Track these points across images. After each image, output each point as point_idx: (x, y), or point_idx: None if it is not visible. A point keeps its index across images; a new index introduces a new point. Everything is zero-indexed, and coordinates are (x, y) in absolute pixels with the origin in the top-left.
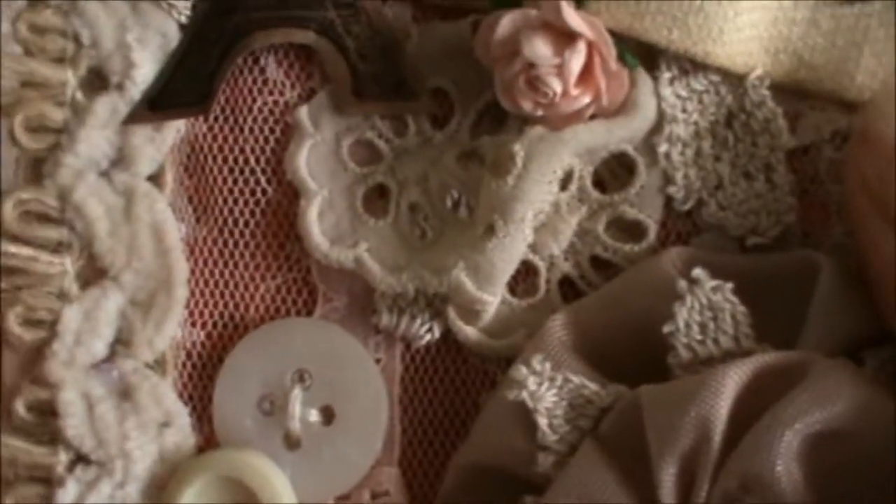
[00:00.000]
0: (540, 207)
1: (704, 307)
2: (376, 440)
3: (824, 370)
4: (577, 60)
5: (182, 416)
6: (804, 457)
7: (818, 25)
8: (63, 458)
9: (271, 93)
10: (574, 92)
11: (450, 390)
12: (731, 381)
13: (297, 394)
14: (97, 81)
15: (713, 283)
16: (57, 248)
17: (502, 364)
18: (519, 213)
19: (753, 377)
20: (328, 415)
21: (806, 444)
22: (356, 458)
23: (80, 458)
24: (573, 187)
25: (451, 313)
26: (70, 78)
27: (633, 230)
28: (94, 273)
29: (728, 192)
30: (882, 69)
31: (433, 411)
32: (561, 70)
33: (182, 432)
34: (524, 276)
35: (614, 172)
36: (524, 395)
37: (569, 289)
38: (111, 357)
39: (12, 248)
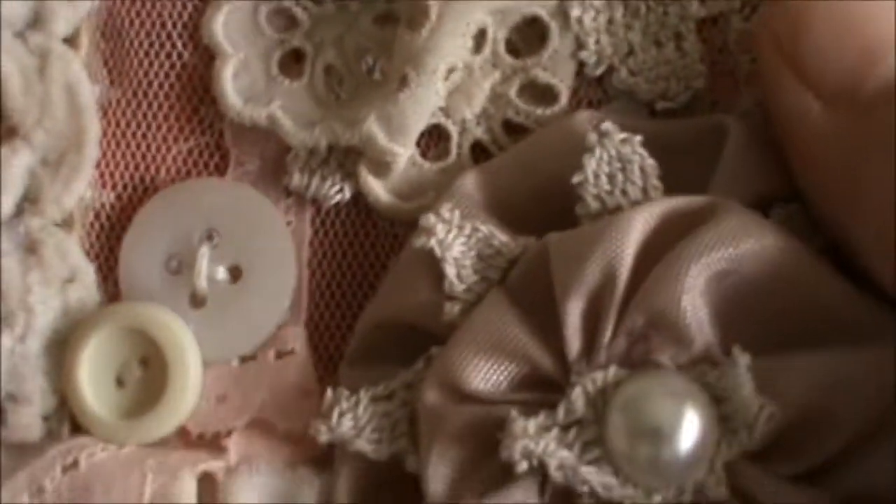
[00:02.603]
0: (453, 62)
1: (613, 158)
2: (283, 300)
3: (732, 211)
4: None
5: (87, 273)
6: (711, 293)
7: None
8: None
9: None
10: None
11: (359, 254)
12: (639, 221)
13: (204, 251)
14: None
15: (622, 135)
16: None
17: (412, 228)
18: (431, 65)
19: (661, 219)
20: (235, 274)
21: (711, 281)
22: (262, 317)
23: None
24: (486, 51)
25: (363, 170)
26: None
27: (545, 95)
28: (4, 132)
29: (639, 59)
30: None
31: (342, 274)
32: None
33: (87, 289)
34: (436, 141)
35: (527, 39)
36: (432, 242)
37: (480, 154)
38: (18, 215)
39: None
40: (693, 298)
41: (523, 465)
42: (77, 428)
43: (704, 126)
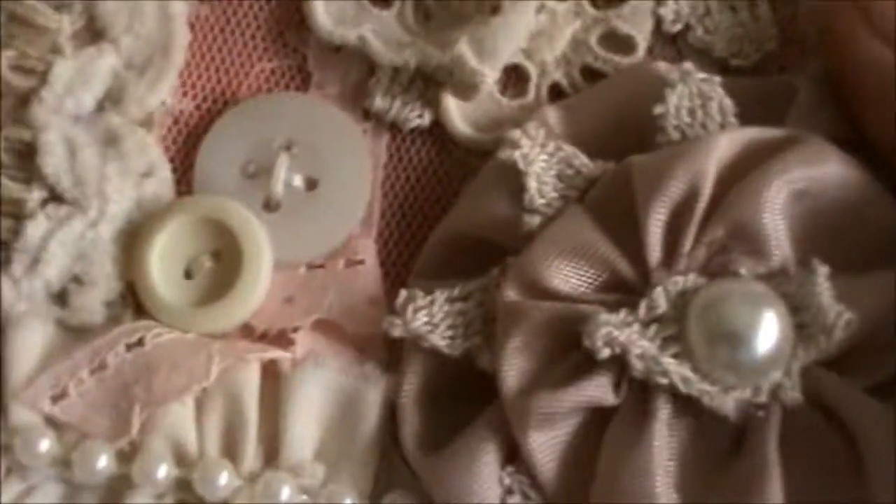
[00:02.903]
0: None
1: (694, 94)
2: (356, 212)
3: (813, 139)
4: None
5: (164, 170)
6: (790, 210)
7: None
8: (36, 195)
9: None
10: None
11: (432, 180)
12: (724, 142)
13: (283, 159)
14: None
15: (703, 75)
16: (58, 6)
17: (485, 159)
18: None
19: (745, 144)
20: (311, 184)
21: (792, 199)
22: (334, 226)
23: (55, 198)
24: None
25: (445, 97)
26: None
27: (623, 45)
28: (92, 35)
29: (715, 20)
30: None
31: (413, 198)
32: None
33: (163, 185)
34: (515, 80)
35: None
36: (516, 154)
37: (557, 97)
38: (99, 112)
39: None
40: (774, 213)
41: (605, 352)
42: (140, 316)
43: (775, 84)
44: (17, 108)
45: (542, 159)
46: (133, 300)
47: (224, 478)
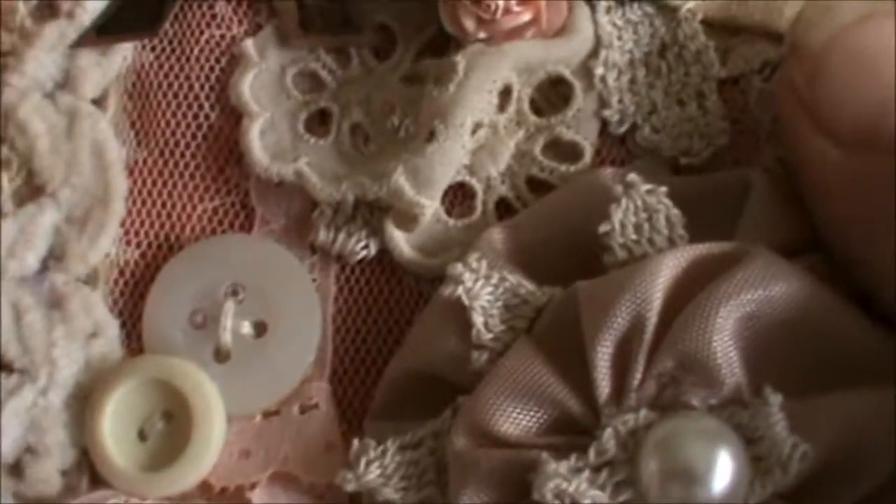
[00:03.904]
0: (479, 118)
1: (639, 209)
2: (308, 354)
3: (761, 255)
4: None
5: (111, 328)
6: (740, 334)
7: None
8: None
9: (219, 27)
10: (516, 8)
11: (384, 310)
12: (667, 265)
13: (229, 306)
14: (47, 10)
15: (648, 186)
16: None
17: (436, 284)
18: (459, 119)
19: (690, 263)
20: (260, 329)
21: (742, 322)
22: (286, 371)
23: (3, 367)
24: (511, 109)
25: (388, 226)
26: (20, 7)
27: (569, 153)
28: (31, 191)
29: (662, 117)
30: None
31: (367, 330)
32: None
33: (110, 344)
34: (461, 199)
35: (550, 100)
36: (460, 290)
37: (505, 211)
38: (43, 271)
39: None
40: (723, 340)
41: None
42: (95, 483)
43: (727, 180)
44: None
45: (487, 292)
46: (88, 466)
47: None
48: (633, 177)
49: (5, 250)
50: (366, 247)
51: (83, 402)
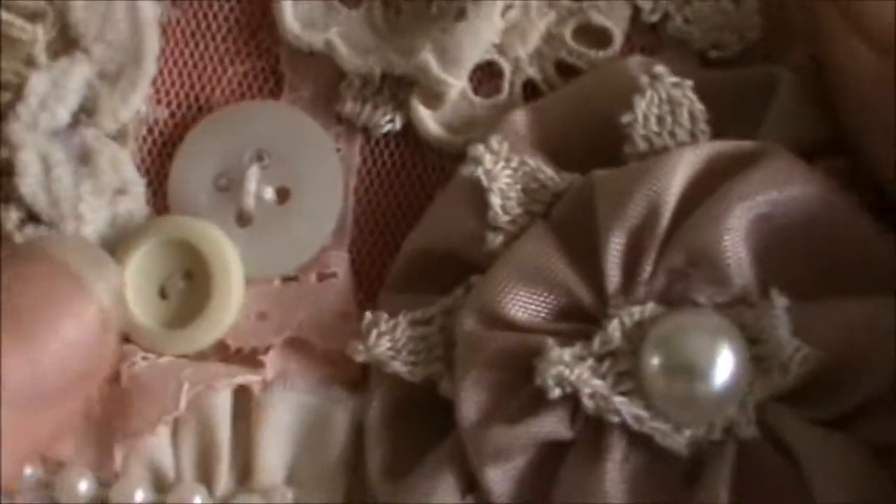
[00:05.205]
0: (511, 4)
1: (663, 101)
2: (328, 223)
3: (779, 156)
4: None
5: (138, 186)
6: (752, 235)
7: None
8: (14, 215)
9: None
10: None
11: (406, 184)
12: (685, 160)
13: (254, 171)
14: None
15: (674, 78)
16: (32, 17)
17: (459, 161)
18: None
19: (708, 159)
20: (283, 195)
21: (755, 223)
22: (306, 239)
23: (32, 218)
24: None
25: (415, 101)
26: None
27: (599, 38)
28: (65, 44)
29: (695, 7)
30: None
31: (387, 203)
32: None
33: (136, 201)
34: (489, 77)
35: None
36: (479, 171)
37: (531, 93)
38: (74, 125)
39: None
40: (734, 239)
41: (556, 392)
42: None
43: (755, 76)
44: None
45: (506, 175)
46: None
47: (198, 500)
48: (659, 68)
49: (37, 103)
50: (391, 120)
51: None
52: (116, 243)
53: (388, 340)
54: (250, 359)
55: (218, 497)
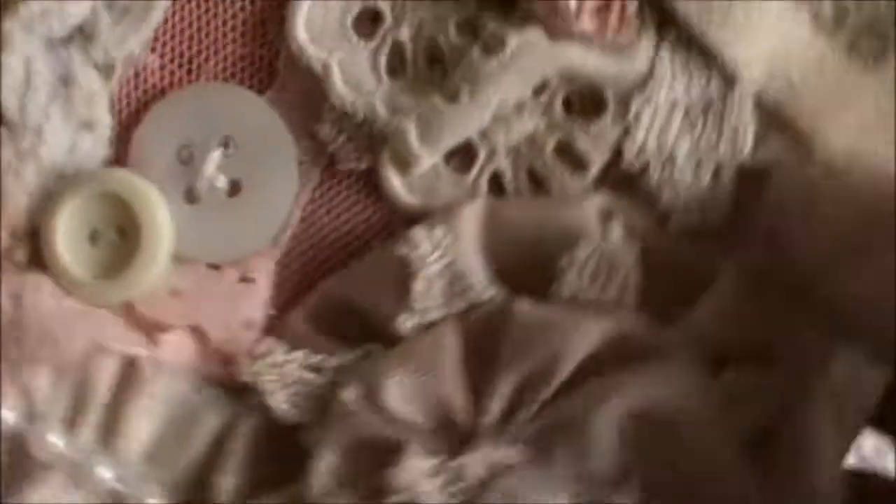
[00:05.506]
0: (506, 102)
1: (604, 257)
2: (269, 229)
3: (675, 360)
4: None
5: (105, 126)
6: (624, 426)
7: (822, 72)
8: None
9: None
10: (585, 16)
11: (351, 222)
12: (594, 332)
13: (216, 155)
14: None
15: (621, 237)
16: None
17: (408, 222)
18: (486, 95)
19: (613, 339)
20: (235, 188)
21: (628, 418)
22: (243, 237)
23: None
24: (543, 98)
25: (386, 154)
26: None
27: (576, 161)
28: None
29: (676, 169)
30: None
31: (328, 232)
32: None
33: (99, 141)
34: (463, 154)
35: (583, 104)
36: (413, 254)
37: (496, 187)
38: (66, 43)
39: None
40: (605, 424)
41: (399, 497)
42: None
43: (703, 260)
44: None
45: (437, 267)
46: (31, 247)
47: (52, 439)
48: (614, 225)
49: (40, 8)
50: (358, 159)
51: (53, 182)
52: (64, 177)
53: (276, 373)
54: (151, 331)
55: (74, 445)
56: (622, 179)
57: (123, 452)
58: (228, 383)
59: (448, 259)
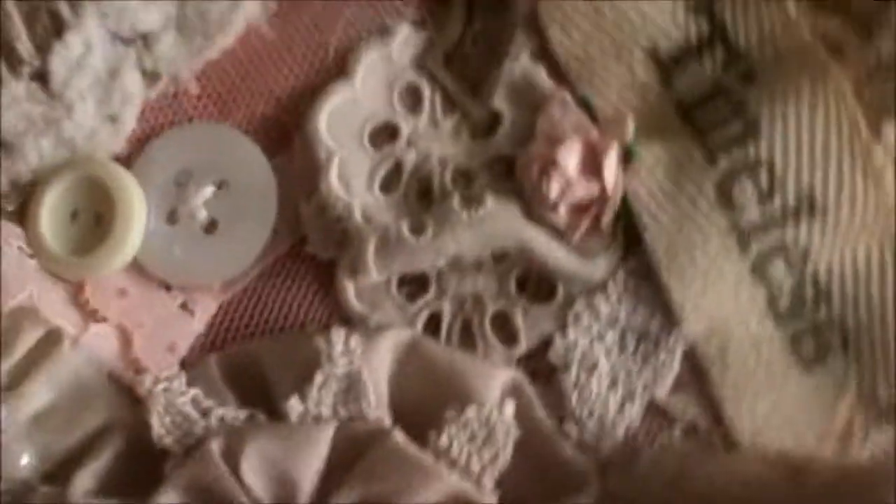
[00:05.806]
0: (463, 255)
1: (488, 426)
2: (224, 273)
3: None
4: (580, 191)
5: (128, 127)
6: None
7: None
8: (28, 66)
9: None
10: (562, 210)
11: (299, 298)
12: (441, 488)
13: (207, 191)
14: None
15: (511, 416)
16: None
17: (345, 322)
18: (446, 242)
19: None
20: (212, 226)
21: None
22: (202, 271)
23: (40, 77)
24: (502, 266)
25: (346, 256)
26: None
27: (509, 335)
28: None
29: (593, 379)
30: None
31: (274, 299)
32: (567, 187)
33: (116, 136)
34: (416, 285)
35: (536, 290)
36: (324, 350)
37: (432, 324)
38: (127, 42)
39: None
40: None
41: None
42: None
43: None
44: None
45: (339, 371)
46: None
47: None
48: (510, 406)
49: (119, 4)
50: (325, 249)
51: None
52: (70, 158)
53: (167, 400)
54: (87, 316)
55: None
56: (542, 368)
57: (15, 409)
58: (129, 390)
59: (352, 368)
